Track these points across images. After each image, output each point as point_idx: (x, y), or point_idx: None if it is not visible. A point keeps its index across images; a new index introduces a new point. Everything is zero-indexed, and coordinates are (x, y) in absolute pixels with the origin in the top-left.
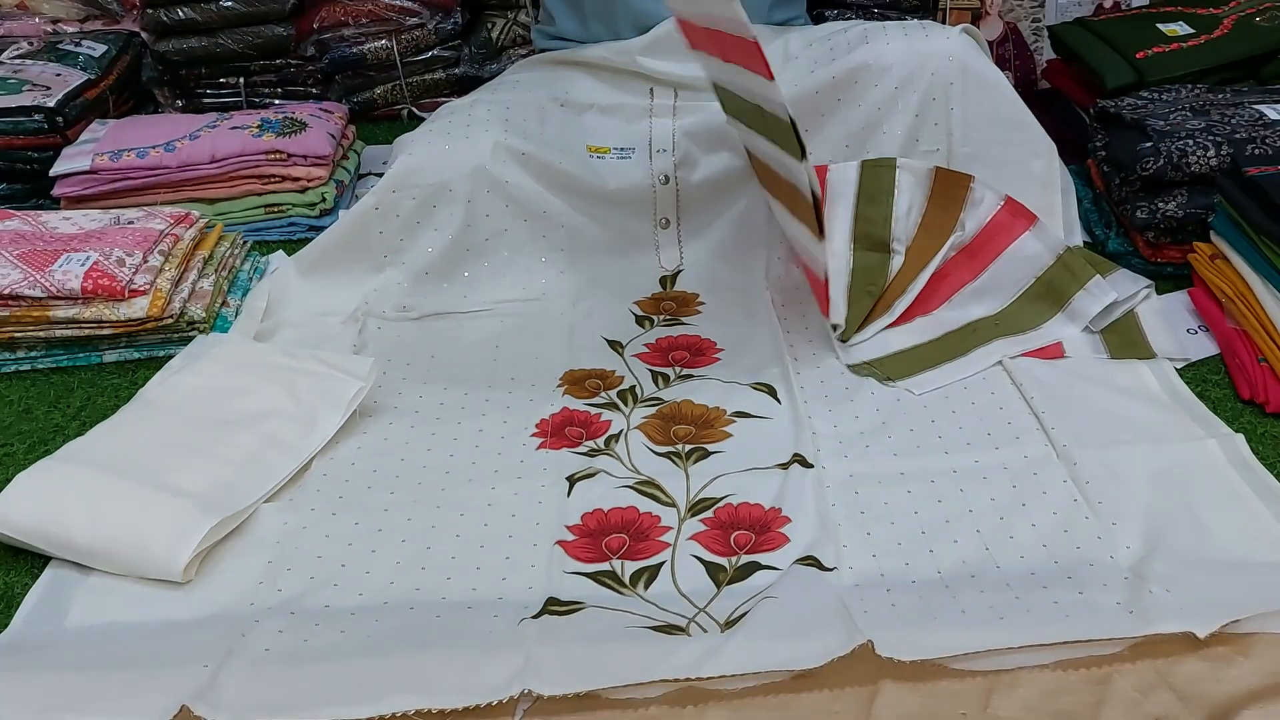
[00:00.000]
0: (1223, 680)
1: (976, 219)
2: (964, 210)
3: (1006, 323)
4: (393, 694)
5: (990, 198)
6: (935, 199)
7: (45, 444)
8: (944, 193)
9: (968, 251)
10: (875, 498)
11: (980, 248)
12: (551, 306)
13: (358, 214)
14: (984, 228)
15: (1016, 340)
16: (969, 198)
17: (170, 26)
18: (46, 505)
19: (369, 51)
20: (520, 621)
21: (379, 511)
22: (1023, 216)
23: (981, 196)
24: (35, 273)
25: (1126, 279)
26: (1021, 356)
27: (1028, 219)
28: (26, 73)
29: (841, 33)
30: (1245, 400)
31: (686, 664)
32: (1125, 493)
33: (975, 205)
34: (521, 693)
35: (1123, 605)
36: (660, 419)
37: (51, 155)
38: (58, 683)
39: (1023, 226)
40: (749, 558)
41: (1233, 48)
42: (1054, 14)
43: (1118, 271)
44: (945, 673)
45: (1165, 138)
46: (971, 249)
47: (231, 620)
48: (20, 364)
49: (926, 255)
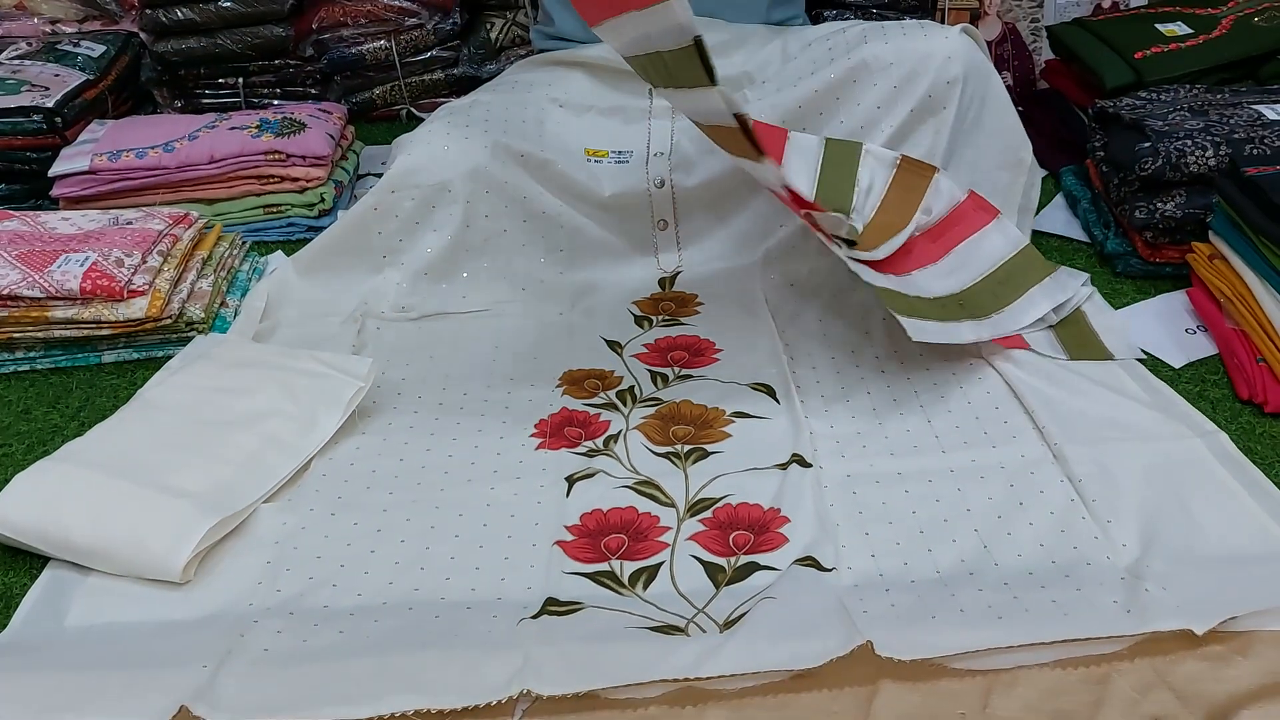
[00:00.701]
0: (1221, 680)
1: (940, 205)
2: (927, 196)
3: (970, 304)
4: (392, 694)
5: (953, 189)
6: (897, 183)
7: (44, 444)
8: (906, 180)
9: (930, 235)
10: (873, 498)
11: (943, 233)
12: (550, 307)
13: (357, 214)
14: (948, 214)
15: (983, 324)
16: (932, 187)
17: (169, 27)
18: (45, 506)
19: (368, 52)
20: (519, 622)
21: (378, 512)
22: (985, 210)
23: (945, 187)
24: (34, 273)
25: (1068, 274)
26: (990, 355)
27: (990, 213)
28: (25, 73)
29: (840, 33)
30: (1244, 400)
31: (685, 664)
32: (1118, 490)
33: (938, 193)
34: (521, 693)
35: (1120, 604)
36: (659, 419)
37: (50, 156)
38: (57, 683)
39: (985, 219)
40: (748, 558)
41: (1231, 48)
42: (1053, 14)
43: (1059, 269)
44: (944, 672)
45: (1164, 138)
46: (934, 233)
47: (230, 620)
48: (19, 364)
49: (886, 233)
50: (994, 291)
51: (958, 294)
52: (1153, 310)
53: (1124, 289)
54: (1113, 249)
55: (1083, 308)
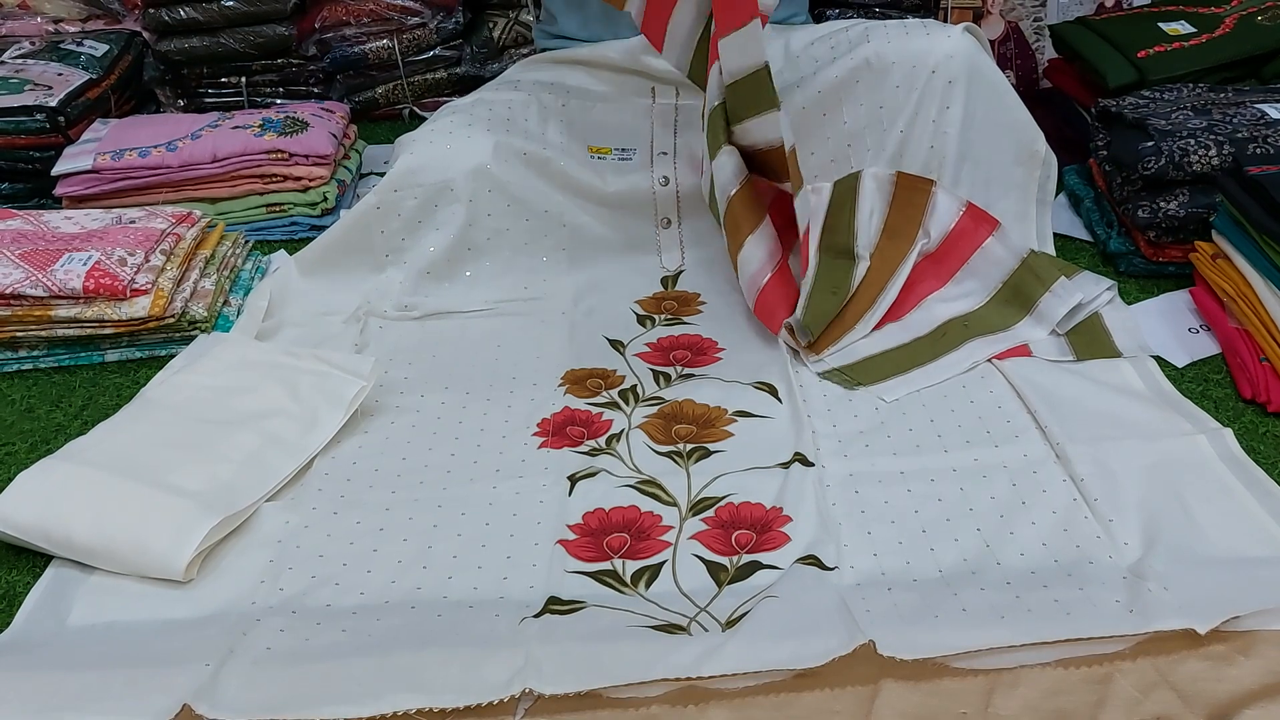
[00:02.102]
0: (1224, 679)
1: (940, 226)
2: (926, 216)
3: (975, 325)
4: (394, 693)
5: (950, 204)
6: (896, 204)
7: (47, 443)
8: (905, 198)
9: (933, 259)
10: (875, 497)
11: (945, 255)
12: (552, 306)
13: (359, 213)
14: (948, 235)
15: (985, 341)
16: (930, 203)
17: (172, 26)
18: (48, 504)
19: (370, 51)
20: (521, 621)
21: (380, 510)
22: (984, 222)
23: (942, 202)
24: (37, 272)
25: (1089, 280)
26: (995, 359)
27: (990, 224)
28: (28, 72)
29: (843, 31)
30: (1247, 400)
31: (687, 663)
32: (1120, 489)
33: (936, 211)
34: (522, 692)
35: (1123, 604)
36: (661, 418)
37: (53, 155)
38: (59, 682)
39: (985, 232)
40: (750, 557)
41: (1234, 47)
42: (1055, 13)
43: (1081, 273)
44: (946, 671)
45: (1167, 137)
46: (937, 256)
47: (233, 619)
48: (22, 363)
49: (892, 262)
50: (1001, 311)
51: (962, 317)
52: (1156, 309)
53: (1127, 288)
54: (1116, 248)
55: (1102, 311)
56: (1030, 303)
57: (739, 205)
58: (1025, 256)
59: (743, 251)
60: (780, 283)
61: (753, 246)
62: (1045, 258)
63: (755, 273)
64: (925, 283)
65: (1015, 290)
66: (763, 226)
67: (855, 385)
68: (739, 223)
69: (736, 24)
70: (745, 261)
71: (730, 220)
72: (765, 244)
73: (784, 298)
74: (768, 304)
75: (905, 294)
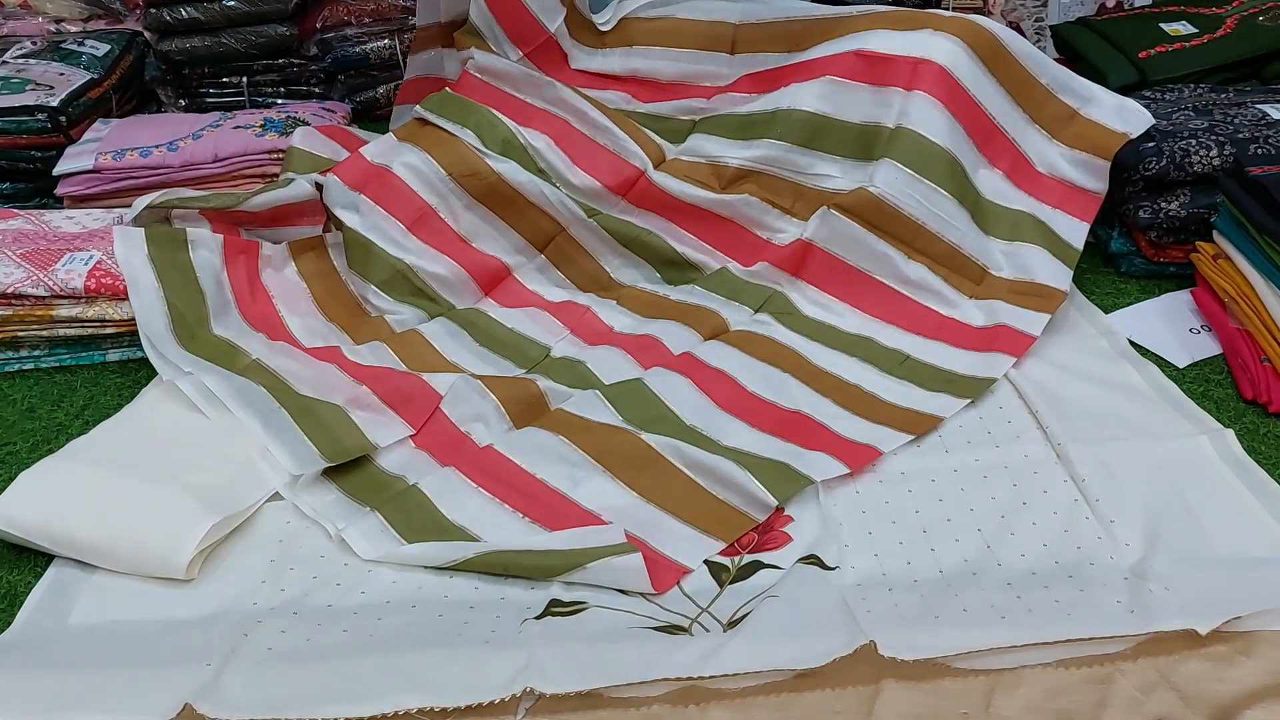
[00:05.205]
0: (1225, 680)
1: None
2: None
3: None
4: (395, 692)
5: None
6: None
7: (48, 443)
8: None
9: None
10: (876, 496)
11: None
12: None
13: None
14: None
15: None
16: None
17: (173, 26)
18: (49, 503)
19: (372, 51)
20: (523, 622)
21: None
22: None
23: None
24: (38, 271)
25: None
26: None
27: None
28: (30, 72)
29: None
30: (1248, 400)
31: (689, 663)
32: (1121, 490)
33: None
34: (524, 691)
35: (1124, 604)
36: None
37: (55, 154)
38: (60, 681)
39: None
40: (751, 557)
41: (1235, 47)
42: (1057, 13)
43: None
44: (947, 672)
45: (1168, 137)
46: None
47: (235, 619)
48: (24, 363)
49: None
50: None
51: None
52: (1157, 310)
53: (1128, 289)
54: (1117, 248)
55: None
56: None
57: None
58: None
59: None
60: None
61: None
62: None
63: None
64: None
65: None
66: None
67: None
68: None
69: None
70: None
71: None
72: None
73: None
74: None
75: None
